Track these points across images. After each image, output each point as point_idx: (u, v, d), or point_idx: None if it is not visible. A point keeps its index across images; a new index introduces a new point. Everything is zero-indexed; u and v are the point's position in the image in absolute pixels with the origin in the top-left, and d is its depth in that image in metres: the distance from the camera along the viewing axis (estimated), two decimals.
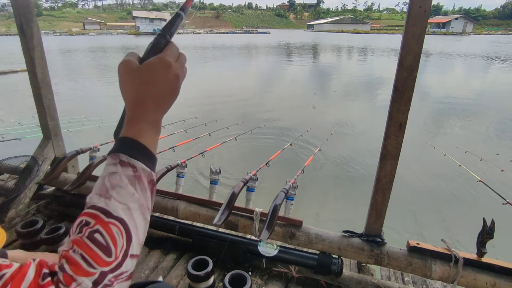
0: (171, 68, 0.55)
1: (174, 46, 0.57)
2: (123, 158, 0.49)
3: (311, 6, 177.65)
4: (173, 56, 0.56)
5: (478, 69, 17.83)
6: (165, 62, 0.54)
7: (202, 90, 10.93)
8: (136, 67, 0.54)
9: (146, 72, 0.53)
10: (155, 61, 0.54)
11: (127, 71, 0.54)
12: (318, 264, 1.58)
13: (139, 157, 0.50)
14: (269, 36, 62.47)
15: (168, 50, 0.56)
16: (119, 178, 0.47)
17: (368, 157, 5.21)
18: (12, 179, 2.34)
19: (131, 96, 0.54)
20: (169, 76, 0.55)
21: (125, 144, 0.51)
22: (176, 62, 0.56)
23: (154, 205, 1.91)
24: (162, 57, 0.54)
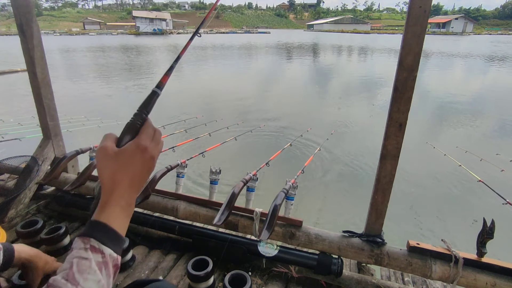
0: (146, 152, 0.59)
1: (149, 126, 0.61)
2: (94, 244, 0.51)
3: (311, 6, 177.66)
4: (148, 137, 0.60)
5: (478, 69, 17.82)
6: (141, 147, 0.58)
7: (202, 90, 10.93)
8: (113, 153, 0.57)
9: (123, 159, 0.57)
10: (132, 147, 0.58)
11: (105, 158, 0.57)
12: (318, 264, 1.58)
13: (109, 243, 0.52)
14: (269, 36, 62.45)
15: (143, 132, 0.60)
16: (88, 264, 0.49)
17: (368, 157, 5.21)
18: (12, 179, 2.34)
19: (107, 181, 0.56)
20: (145, 160, 0.59)
21: (97, 229, 0.53)
22: (152, 142, 0.60)
23: (154, 205, 1.92)
24: (138, 142, 0.58)
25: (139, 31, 65.37)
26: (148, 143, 0.59)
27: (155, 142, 0.61)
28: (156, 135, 0.62)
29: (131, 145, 0.58)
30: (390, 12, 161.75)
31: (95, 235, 0.52)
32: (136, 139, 0.59)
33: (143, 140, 0.59)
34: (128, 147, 0.58)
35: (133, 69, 15.82)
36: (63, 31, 65.38)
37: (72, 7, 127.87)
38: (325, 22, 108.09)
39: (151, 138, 0.60)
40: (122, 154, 0.57)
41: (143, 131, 0.60)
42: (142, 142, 0.58)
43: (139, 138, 0.59)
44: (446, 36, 67.14)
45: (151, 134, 0.61)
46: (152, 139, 0.60)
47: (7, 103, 8.66)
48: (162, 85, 0.65)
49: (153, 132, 0.61)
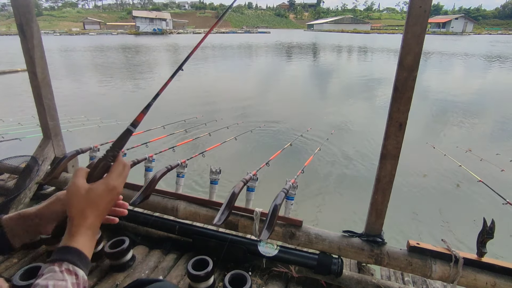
0: (115, 190, 0.65)
1: (120, 162, 0.67)
2: (69, 267, 0.55)
3: (311, 6, 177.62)
4: (118, 175, 0.66)
5: (477, 68, 17.82)
6: (110, 187, 0.64)
7: (202, 90, 10.93)
8: (84, 191, 0.62)
9: (93, 197, 0.62)
10: (102, 187, 0.63)
11: (75, 195, 0.62)
12: (318, 264, 1.58)
13: (81, 266, 0.57)
14: (269, 36, 62.45)
15: (114, 170, 0.66)
16: (65, 285, 0.52)
17: (368, 157, 5.21)
18: (12, 179, 2.34)
19: (76, 214, 0.61)
20: (112, 197, 0.65)
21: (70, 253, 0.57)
22: (120, 178, 0.66)
23: (154, 205, 1.92)
24: (107, 182, 0.64)
25: (139, 31, 65.36)
26: (116, 182, 0.65)
27: (122, 178, 0.67)
28: (125, 171, 0.68)
29: (101, 185, 0.64)
30: (390, 12, 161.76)
31: (69, 259, 0.55)
32: (106, 178, 0.65)
33: (112, 179, 0.65)
34: (98, 186, 0.63)
35: (133, 69, 15.83)
36: (63, 31, 65.36)
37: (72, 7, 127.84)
38: (325, 22, 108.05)
39: (120, 175, 0.66)
40: (93, 193, 0.62)
41: (114, 169, 0.66)
42: (111, 182, 0.64)
43: (110, 178, 0.65)
44: (446, 36, 67.14)
45: (121, 171, 0.66)
46: (120, 175, 0.66)
47: (7, 103, 8.66)
48: (137, 123, 0.69)
49: (122, 168, 0.67)
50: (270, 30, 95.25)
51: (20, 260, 1.68)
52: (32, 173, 2.11)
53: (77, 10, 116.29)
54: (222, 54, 25.14)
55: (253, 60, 22.04)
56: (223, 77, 14.60)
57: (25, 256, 1.70)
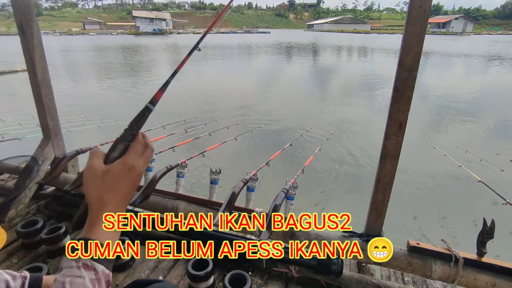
0: (134, 170, 0.58)
1: (139, 142, 0.61)
2: (87, 262, 0.51)
3: (311, 6, 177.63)
4: (137, 155, 0.59)
5: (477, 68, 17.83)
6: (128, 166, 0.58)
7: (202, 90, 10.93)
8: (101, 173, 0.57)
9: (110, 179, 0.56)
10: (119, 167, 0.57)
11: (92, 178, 0.57)
12: (318, 264, 1.58)
13: (101, 260, 0.53)
14: (269, 36, 62.45)
15: (132, 150, 0.59)
16: (82, 282, 0.49)
17: (368, 157, 5.22)
18: (12, 179, 2.34)
19: (94, 200, 0.56)
20: (133, 179, 0.59)
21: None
22: (141, 159, 0.60)
23: (154, 205, 1.92)
24: (125, 161, 0.58)
25: (139, 31, 65.37)
26: (135, 161, 0.59)
27: (144, 159, 0.61)
28: (147, 153, 0.61)
29: (119, 165, 0.58)
30: (390, 12, 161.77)
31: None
32: (124, 157, 0.58)
33: (130, 158, 0.58)
34: (115, 166, 0.57)
35: (133, 69, 15.83)
36: (63, 31, 65.37)
37: (72, 7, 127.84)
38: (325, 22, 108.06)
39: (139, 155, 0.60)
40: (110, 173, 0.57)
41: (132, 148, 0.60)
42: (129, 161, 0.58)
43: (127, 157, 0.58)
44: (446, 36, 67.14)
45: (140, 151, 0.60)
46: (141, 156, 0.60)
47: (7, 103, 8.66)
48: (156, 101, 0.64)
49: (142, 149, 0.61)
50: (270, 30, 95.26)
51: (20, 260, 1.68)
52: (32, 173, 2.11)
53: (77, 10, 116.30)
54: (222, 54, 25.15)
55: (253, 60, 22.04)
56: (223, 77, 14.60)
57: (25, 256, 1.70)
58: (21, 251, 1.74)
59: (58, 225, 1.74)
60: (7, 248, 1.75)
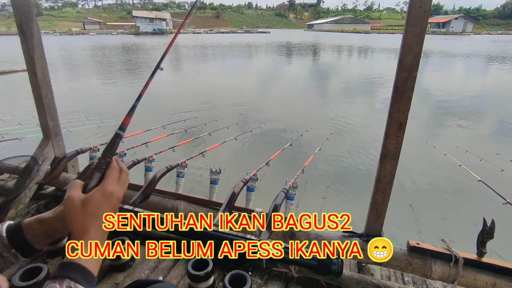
0: (112, 196, 0.61)
1: (114, 168, 0.64)
2: (70, 284, 0.52)
3: (311, 6, 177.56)
4: (113, 180, 0.62)
5: (476, 68, 17.82)
6: (107, 193, 0.61)
7: (202, 89, 10.93)
8: (80, 202, 0.59)
9: (90, 208, 0.59)
10: (98, 194, 0.60)
11: (72, 208, 0.59)
12: (318, 264, 1.58)
13: (83, 282, 0.54)
14: (269, 36, 62.44)
15: (108, 176, 0.62)
16: None
17: (368, 156, 5.21)
18: (12, 179, 2.34)
19: (76, 229, 0.59)
20: (112, 204, 0.61)
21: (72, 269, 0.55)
22: (118, 185, 0.63)
23: (154, 205, 1.92)
24: (103, 188, 0.61)
25: (139, 31, 65.35)
26: (113, 187, 0.61)
27: (121, 183, 0.64)
28: (122, 176, 0.64)
29: (97, 192, 0.60)
30: (390, 11, 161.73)
31: (70, 276, 0.53)
32: (101, 185, 0.61)
33: (108, 185, 0.61)
34: (94, 194, 0.60)
35: (133, 68, 15.83)
36: (63, 31, 65.36)
37: (72, 7, 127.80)
38: (325, 22, 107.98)
39: (116, 180, 0.63)
40: (89, 202, 0.59)
41: (108, 174, 0.62)
42: (107, 188, 0.61)
43: (105, 184, 0.61)
44: (446, 36, 67.13)
45: (116, 176, 0.63)
46: (118, 181, 0.63)
47: (7, 103, 8.66)
48: (125, 126, 0.69)
49: (118, 174, 0.64)
50: (270, 30, 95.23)
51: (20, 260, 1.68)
52: (32, 173, 2.11)
53: (77, 10, 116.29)
54: (222, 53, 25.14)
55: (253, 60, 22.03)
56: (223, 76, 14.60)
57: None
58: None
59: None
60: None
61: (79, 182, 0.63)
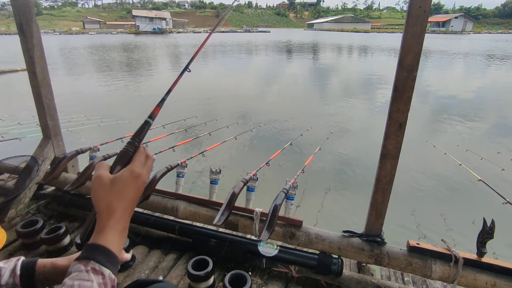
0: (140, 178, 0.62)
1: (142, 153, 0.65)
2: (95, 266, 0.54)
3: (311, 5, 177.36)
4: (141, 164, 0.64)
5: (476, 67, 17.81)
6: (135, 174, 0.62)
7: (202, 89, 10.92)
8: (108, 181, 0.60)
9: (118, 187, 0.60)
10: (126, 174, 0.61)
11: (100, 187, 0.60)
12: (318, 264, 1.58)
13: (108, 265, 0.55)
14: (269, 35, 62.38)
15: (136, 159, 0.64)
16: (90, 286, 0.51)
17: (369, 156, 5.21)
18: (12, 179, 2.34)
19: (103, 208, 0.59)
20: (139, 186, 0.63)
21: (97, 252, 0.56)
22: (144, 168, 0.64)
23: (154, 205, 1.92)
24: (132, 169, 0.62)
25: (139, 30, 65.28)
26: (141, 170, 0.63)
27: (147, 168, 0.65)
28: (148, 162, 0.66)
29: (126, 172, 0.61)
30: (390, 11, 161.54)
31: (95, 258, 0.54)
32: (129, 166, 0.62)
33: (136, 167, 0.62)
34: (122, 174, 0.61)
35: (133, 68, 15.82)
36: (62, 30, 65.31)
37: (72, 6, 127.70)
38: (326, 21, 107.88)
39: (143, 164, 0.64)
40: (117, 181, 0.60)
41: (136, 158, 0.64)
42: (135, 169, 0.62)
43: (133, 165, 0.62)
44: (446, 35, 67.04)
45: (143, 161, 0.64)
46: (144, 166, 0.64)
47: (7, 103, 8.66)
48: (154, 115, 0.71)
49: (145, 159, 0.65)
50: (270, 29, 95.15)
51: None
52: (32, 173, 2.11)
53: (77, 9, 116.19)
54: (222, 53, 25.12)
55: (253, 59, 22.02)
56: (223, 76, 14.59)
57: (25, 256, 1.70)
58: (21, 251, 1.74)
59: (58, 225, 1.75)
60: (7, 248, 1.75)
61: (106, 163, 0.64)
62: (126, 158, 0.64)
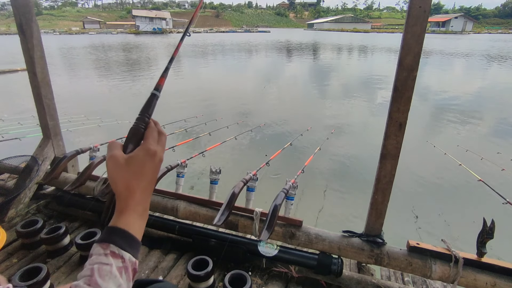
0: (156, 156, 0.59)
1: (154, 129, 0.62)
2: (114, 250, 0.52)
3: (311, 5, 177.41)
4: (155, 141, 0.60)
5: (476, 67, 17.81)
6: (151, 152, 0.58)
7: (202, 89, 10.92)
8: (124, 161, 0.57)
9: (135, 166, 0.57)
10: (141, 153, 0.58)
11: (116, 167, 0.56)
12: (318, 264, 1.58)
13: (128, 248, 0.53)
14: (269, 35, 62.38)
15: (150, 137, 0.60)
16: (109, 269, 0.50)
17: (369, 156, 5.21)
18: (12, 179, 2.34)
19: (122, 189, 0.57)
20: (155, 164, 0.59)
21: (117, 235, 0.54)
22: (159, 145, 0.61)
23: (154, 205, 1.92)
24: (147, 148, 0.58)
25: (139, 30, 65.27)
26: (156, 147, 0.59)
27: (161, 144, 0.62)
28: (162, 138, 0.62)
29: (141, 151, 0.58)
30: (390, 11, 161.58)
31: (115, 241, 0.53)
32: (144, 144, 0.59)
33: (151, 144, 0.59)
34: (138, 153, 0.58)
35: (133, 67, 15.82)
36: (62, 30, 65.32)
37: (72, 6, 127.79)
38: (326, 21, 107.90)
39: (157, 141, 0.61)
40: (133, 161, 0.57)
41: (149, 135, 0.60)
42: (151, 147, 0.58)
43: (147, 143, 0.59)
44: (446, 35, 67.06)
45: (157, 136, 0.61)
46: (158, 142, 0.61)
47: (7, 102, 8.66)
48: (160, 87, 0.65)
49: (157, 135, 0.62)
50: (270, 29, 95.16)
51: (20, 260, 1.68)
52: (32, 173, 2.11)
53: (77, 9, 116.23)
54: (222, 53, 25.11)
55: (253, 59, 22.01)
56: (223, 76, 14.59)
57: (25, 256, 1.70)
58: (21, 251, 1.74)
59: (58, 225, 1.75)
60: (7, 248, 1.75)
61: (118, 142, 0.60)
62: (138, 136, 0.60)
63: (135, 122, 0.61)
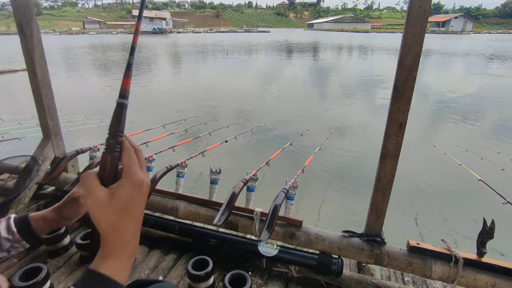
0: (144, 184, 0.51)
1: (130, 150, 0.52)
2: None
3: (311, 5, 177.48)
4: (137, 166, 0.51)
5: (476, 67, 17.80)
6: (138, 184, 0.50)
7: (202, 89, 10.92)
8: (107, 198, 0.49)
9: (122, 203, 0.49)
10: (127, 187, 0.49)
11: (98, 206, 0.48)
12: (318, 264, 1.58)
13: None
14: (269, 35, 62.37)
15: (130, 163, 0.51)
16: None
17: (369, 156, 5.21)
18: (12, 179, 2.34)
19: (108, 232, 0.48)
20: (144, 194, 0.51)
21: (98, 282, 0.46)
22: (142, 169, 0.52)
23: (154, 205, 1.91)
24: (133, 179, 0.50)
25: None
26: (140, 174, 0.51)
27: (142, 165, 0.53)
28: (140, 157, 0.53)
29: (126, 184, 0.49)
30: (390, 11, 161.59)
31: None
32: (127, 174, 0.50)
33: (135, 173, 0.50)
34: (123, 188, 0.49)
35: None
36: (62, 30, 65.35)
37: (72, 6, 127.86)
38: (326, 21, 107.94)
39: (137, 164, 0.52)
40: (119, 198, 0.49)
41: (128, 160, 0.51)
42: (136, 177, 0.50)
43: (131, 172, 0.50)
44: (446, 35, 67.06)
45: (136, 160, 0.52)
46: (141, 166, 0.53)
47: (7, 102, 8.66)
48: (127, 92, 0.53)
49: (135, 155, 0.52)
50: (270, 29, 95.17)
51: (20, 260, 1.68)
52: (32, 173, 2.11)
53: (77, 9, 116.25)
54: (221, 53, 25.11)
55: (253, 59, 22.01)
56: (223, 75, 14.58)
57: (25, 256, 1.70)
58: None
59: None
60: None
61: (93, 173, 0.51)
62: (114, 162, 0.51)
63: (108, 144, 0.52)
